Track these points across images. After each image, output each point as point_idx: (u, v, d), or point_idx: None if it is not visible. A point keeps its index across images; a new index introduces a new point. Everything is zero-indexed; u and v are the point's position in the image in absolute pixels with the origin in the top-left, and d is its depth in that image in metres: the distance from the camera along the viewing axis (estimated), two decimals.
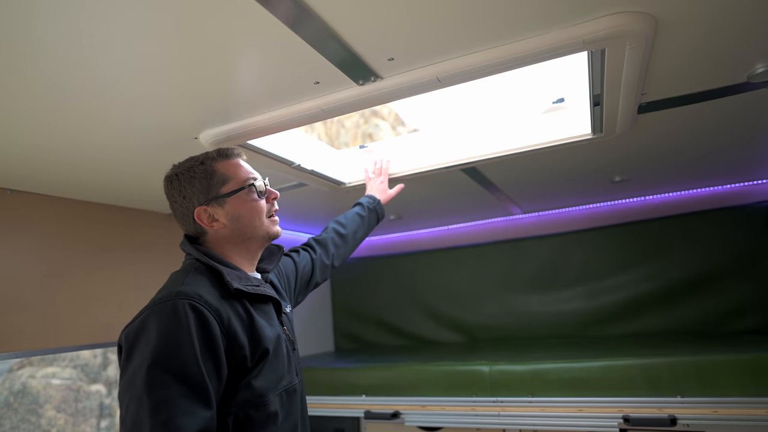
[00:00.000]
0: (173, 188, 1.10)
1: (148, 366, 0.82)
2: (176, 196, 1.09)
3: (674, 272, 2.70)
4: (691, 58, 1.16)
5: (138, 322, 0.90)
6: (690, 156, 2.03)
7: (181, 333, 0.86)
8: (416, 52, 1.03)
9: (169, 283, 1.01)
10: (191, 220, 1.07)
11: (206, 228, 1.07)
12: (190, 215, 1.07)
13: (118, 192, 1.90)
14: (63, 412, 6.46)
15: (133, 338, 0.88)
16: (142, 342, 0.86)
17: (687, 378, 1.79)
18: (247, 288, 1.01)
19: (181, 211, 1.09)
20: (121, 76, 1.02)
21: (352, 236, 1.64)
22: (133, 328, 0.89)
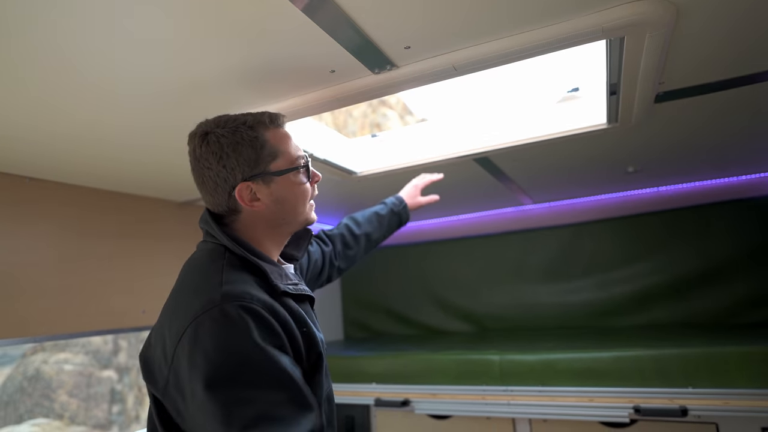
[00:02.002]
0: (209, 151, 0.91)
1: (216, 387, 0.69)
2: (211, 161, 0.91)
3: (686, 264, 2.68)
4: (713, 45, 1.14)
5: (184, 342, 0.74)
6: (707, 146, 2.01)
7: (243, 341, 0.72)
8: (433, 41, 1.02)
9: (201, 281, 0.84)
10: (226, 194, 0.92)
11: (243, 207, 0.92)
12: (228, 189, 0.91)
13: (132, 180, 1.92)
14: (75, 396, 6.57)
15: (185, 363, 0.74)
16: (199, 363, 0.72)
17: (698, 369, 1.79)
18: (289, 288, 0.89)
19: (215, 181, 0.91)
20: (137, 60, 1.02)
21: (365, 238, 1.46)
22: (180, 351, 0.75)
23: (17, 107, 1.17)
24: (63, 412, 5.92)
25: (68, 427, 5.81)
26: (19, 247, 1.67)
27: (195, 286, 0.84)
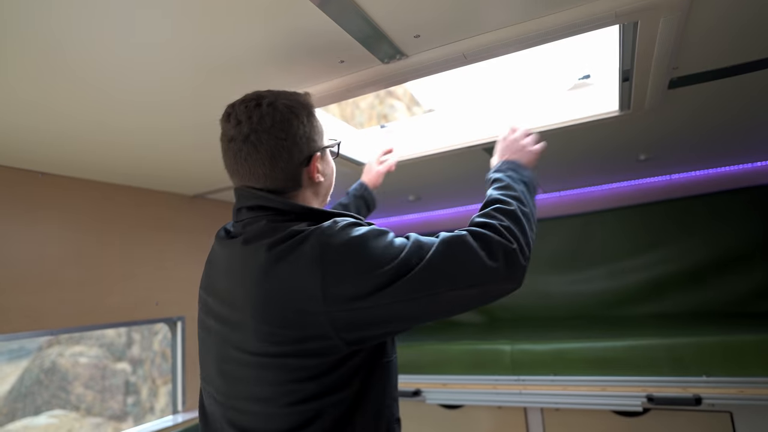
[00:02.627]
0: (283, 119, 0.86)
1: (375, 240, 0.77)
2: (287, 130, 0.86)
3: (700, 252, 2.66)
4: (728, 28, 1.12)
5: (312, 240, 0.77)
6: (722, 132, 1.98)
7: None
8: (443, 29, 1.01)
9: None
10: (297, 165, 0.87)
11: (307, 180, 0.90)
12: (302, 159, 0.88)
13: (144, 174, 1.93)
14: (91, 388, 6.65)
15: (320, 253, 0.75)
16: (337, 245, 0.76)
17: (713, 358, 1.78)
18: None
19: (290, 151, 0.86)
20: (145, 57, 1.02)
21: None
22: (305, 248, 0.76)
23: (31, 104, 1.18)
24: (79, 403, 6.04)
25: (85, 419, 5.92)
26: (32, 241, 1.69)
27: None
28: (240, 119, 0.86)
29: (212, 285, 0.89)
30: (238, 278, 0.82)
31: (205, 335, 0.89)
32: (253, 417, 0.79)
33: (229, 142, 0.88)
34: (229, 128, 0.87)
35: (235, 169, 0.89)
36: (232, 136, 0.87)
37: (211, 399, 0.87)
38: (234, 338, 0.80)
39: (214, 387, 0.85)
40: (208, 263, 0.93)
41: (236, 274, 0.82)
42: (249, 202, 0.87)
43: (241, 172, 0.88)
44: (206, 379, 0.89)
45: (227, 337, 0.82)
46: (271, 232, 0.81)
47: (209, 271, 0.92)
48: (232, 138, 0.87)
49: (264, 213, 0.86)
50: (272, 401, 0.77)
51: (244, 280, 0.80)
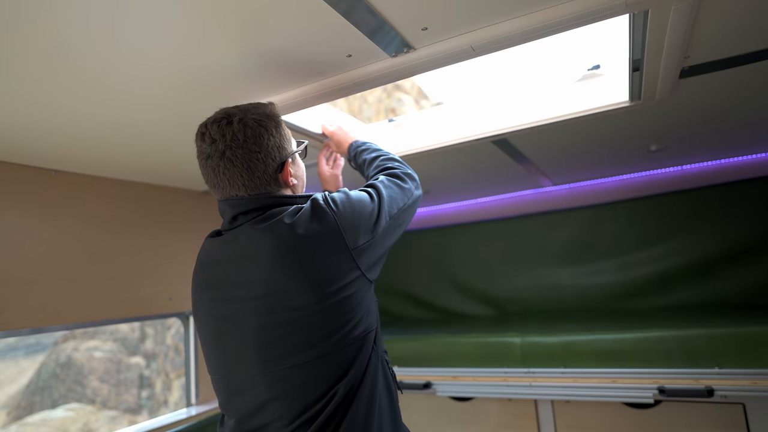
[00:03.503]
0: (254, 133, 0.96)
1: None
2: (260, 142, 0.96)
3: (712, 243, 2.63)
4: (740, 16, 1.10)
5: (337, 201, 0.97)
6: (734, 122, 1.95)
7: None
8: (450, 21, 1.01)
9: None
10: (272, 174, 0.98)
11: (284, 185, 1.01)
12: (275, 167, 0.98)
13: (154, 171, 1.95)
14: (106, 382, 6.78)
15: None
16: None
17: (725, 349, 1.77)
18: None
19: (265, 162, 0.97)
20: (153, 53, 1.03)
21: None
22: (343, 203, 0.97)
23: (42, 104, 1.19)
24: (95, 397, 6.15)
25: (100, 412, 6.03)
26: (47, 238, 1.72)
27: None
28: (214, 138, 0.95)
29: (220, 279, 0.96)
30: (257, 254, 0.91)
31: (223, 328, 0.94)
32: (311, 368, 0.89)
33: (206, 160, 0.97)
34: (205, 147, 0.97)
35: (216, 183, 0.98)
36: (208, 153, 0.96)
37: (239, 380, 0.92)
38: (274, 303, 0.89)
39: (251, 362, 0.91)
40: (205, 265, 1.00)
41: (253, 251, 0.92)
42: (244, 208, 0.96)
43: (221, 185, 0.97)
44: (230, 366, 0.94)
45: (261, 307, 0.90)
46: (279, 214, 0.93)
47: (209, 271, 0.98)
48: (209, 156, 0.96)
49: (263, 211, 0.96)
50: (334, 335, 0.90)
51: (267, 252, 0.90)
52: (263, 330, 0.89)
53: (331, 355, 0.89)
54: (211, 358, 0.98)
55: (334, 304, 0.90)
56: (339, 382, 0.89)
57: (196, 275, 1.02)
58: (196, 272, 1.02)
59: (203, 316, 0.99)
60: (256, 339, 0.90)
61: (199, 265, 1.01)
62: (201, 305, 0.99)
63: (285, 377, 0.88)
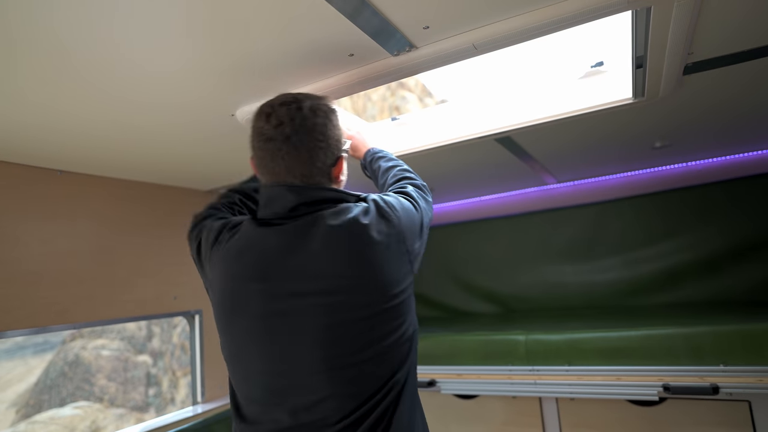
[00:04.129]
0: (322, 123, 0.95)
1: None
2: (325, 132, 0.95)
3: (718, 240, 2.61)
4: (744, 11, 1.09)
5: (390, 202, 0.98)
6: (739, 118, 1.94)
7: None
8: (452, 19, 1.01)
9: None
10: (328, 165, 0.97)
11: (333, 180, 1.00)
12: (333, 161, 0.98)
13: (160, 171, 1.96)
14: (113, 380, 6.82)
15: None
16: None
17: (731, 346, 1.76)
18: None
19: (326, 153, 0.96)
20: (155, 56, 1.04)
21: None
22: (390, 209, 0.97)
23: (46, 105, 1.21)
24: (102, 395, 6.20)
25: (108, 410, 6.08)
26: (53, 238, 1.74)
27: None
28: (281, 120, 0.93)
29: (276, 270, 0.91)
30: (332, 250, 0.90)
31: (277, 322, 0.90)
32: (371, 365, 0.90)
33: (266, 142, 0.94)
34: (268, 128, 0.94)
35: (271, 168, 0.95)
36: (270, 136, 0.93)
37: (293, 376, 0.89)
38: (344, 300, 0.88)
39: (313, 359, 0.88)
40: (249, 254, 0.93)
41: (328, 246, 0.90)
42: (308, 198, 0.94)
43: (276, 170, 0.95)
44: (283, 362, 0.90)
45: (330, 303, 0.88)
46: (351, 212, 0.93)
47: (258, 261, 0.92)
48: (270, 138, 0.93)
49: (332, 205, 0.94)
50: (389, 338, 0.91)
51: (346, 249, 0.90)
52: (330, 327, 0.88)
53: (388, 354, 0.91)
54: (251, 351, 0.92)
55: (396, 306, 0.92)
56: (390, 379, 0.91)
57: (231, 263, 0.95)
58: (231, 260, 0.95)
59: (243, 308, 0.93)
60: (321, 336, 0.88)
61: (238, 253, 0.94)
62: (239, 295, 0.93)
63: (345, 375, 0.88)
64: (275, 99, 0.98)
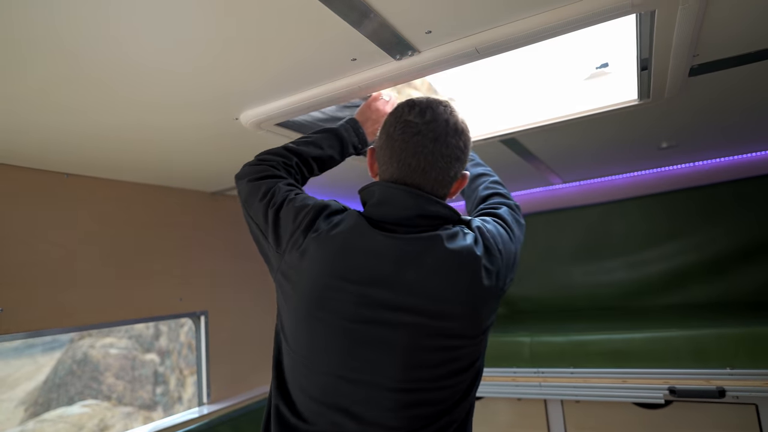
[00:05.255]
0: (467, 135, 0.97)
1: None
2: (466, 142, 0.96)
3: (725, 241, 2.59)
4: (749, 13, 1.08)
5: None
6: (746, 118, 1.92)
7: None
8: (454, 24, 1.01)
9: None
10: (453, 179, 0.97)
11: (448, 197, 0.98)
12: (459, 174, 0.97)
13: (166, 173, 1.97)
14: (121, 379, 6.84)
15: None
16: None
17: (737, 349, 1.75)
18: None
19: (458, 166, 0.95)
20: (160, 55, 1.05)
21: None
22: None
23: (55, 106, 1.22)
24: (110, 393, 6.23)
25: (116, 408, 6.11)
26: (59, 241, 1.75)
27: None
28: (436, 118, 0.92)
29: (385, 279, 0.86)
30: (445, 275, 0.87)
31: (366, 330, 0.86)
32: (443, 392, 0.89)
33: (414, 135, 0.92)
34: (420, 122, 0.92)
35: (407, 162, 0.92)
36: (420, 130, 0.91)
37: (354, 386, 0.87)
38: (443, 326, 0.87)
39: (389, 377, 0.85)
40: (359, 255, 0.88)
41: (442, 270, 0.87)
42: (432, 211, 0.92)
43: (413, 167, 0.92)
44: (357, 371, 0.87)
45: (428, 326, 0.86)
46: (466, 238, 0.91)
47: (369, 265, 0.87)
48: (419, 132, 0.91)
49: (450, 225, 0.93)
50: (466, 370, 0.91)
51: (458, 278, 0.88)
52: (417, 350, 0.86)
53: (460, 386, 0.91)
54: (328, 352, 0.88)
55: (480, 342, 0.92)
56: (455, 409, 0.91)
57: (332, 258, 0.88)
58: (333, 254, 0.89)
59: (333, 306, 0.87)
60: (406, 356, 0.85)
61: (343, 250, 0.89)
62: (332, 293, 0.87)
63: (416, 398, 0.87)
64: (423, 98, 0.96)
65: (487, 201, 1.14)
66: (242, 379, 2.35)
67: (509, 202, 1.12)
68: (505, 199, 1.13)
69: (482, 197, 1.16)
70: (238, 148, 1.69)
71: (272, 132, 1.50)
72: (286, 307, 0.95)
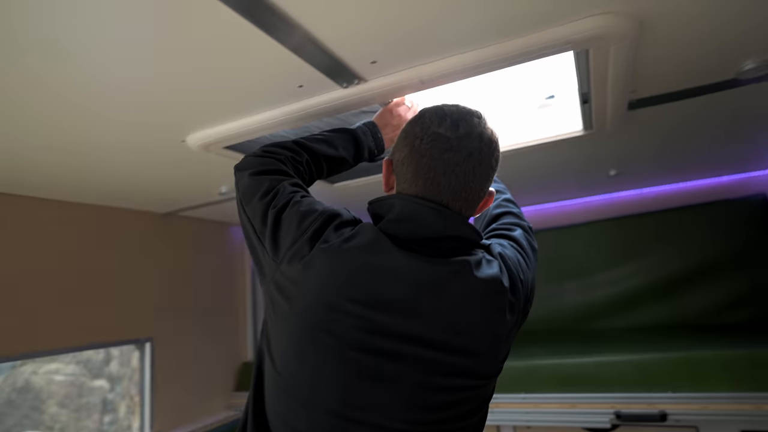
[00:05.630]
0: (496, 158, 0.87)
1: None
2: (498, 160, 0.87)
3: (670, 265, 2.69)
4: (678, 56, 1.15)
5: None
6: (684, 149, 2.02)
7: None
8: (397, 56, 1.02)
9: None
10: (482, 197, 0.87)
11: (471, 216, 0.88)
12: (485, 196, 0.88)
13: (115, 193, 1.90)
14: (66, 407, 6.45)
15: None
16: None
17: (679, 373, 1.80)
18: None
19: (487, 184, 0.87)
20: (105, 81, 1.02)
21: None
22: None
23: None
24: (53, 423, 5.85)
25: None
26: (3, 265, 1.66)
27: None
28: (470, 132, 0.82)
29: (398, 305, 0.76)
30: (469, 306, 0.78)
31: (370, 361, 0.75)
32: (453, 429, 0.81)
33: (444, 151, 0.81)
34: (452, 135, 0.82)
35: (434, 180, 0.81)
36: (452, 145, 0.81)
37: (351, 423, 0.76)
38: (459, 364, 0.78)
39: (393, 412, 0.75)
40: (372, 274, 0.77)
41: (466, 301, 0.78)
42: (459, 233, 0.82)
43: (442, 186, 0.81)
44: (355, 407, 0.76)
45: (443, 362, 0.76)
46: (491, 265, 0.82)
47: (382, 287, 0.76)
48: (451, 148, 0.81)
49: (475, 251, 0.84)
50: (476, 412, 0.84)
51: (483, 310, 0.80)
52: (428, 387, 0.76)
53: (469, 428, 0.83)
54: (323, 380, 0.76)
55: (493, 382, 0.86)
56: None
57: (341, 275, 0.77)
58: (342, 271, 0.77)
59: (334, 329, 0.75)
60: (414, 392, 0.75)
61: (364, 269, 0.77)
62: (335, 314, 0.76)
63: None
64: (455, 106, 0.87)
65: (499, 220, 1.04)
66: (188, 409, 2.25)
67: (523, 223, 1.03)
68: (518, 219, 1.04)
69: (494, 216, 1.07)
70: (187, 169, 1.65)
71: (221, 155, 1.47)
72: (277, 324, 0.82)
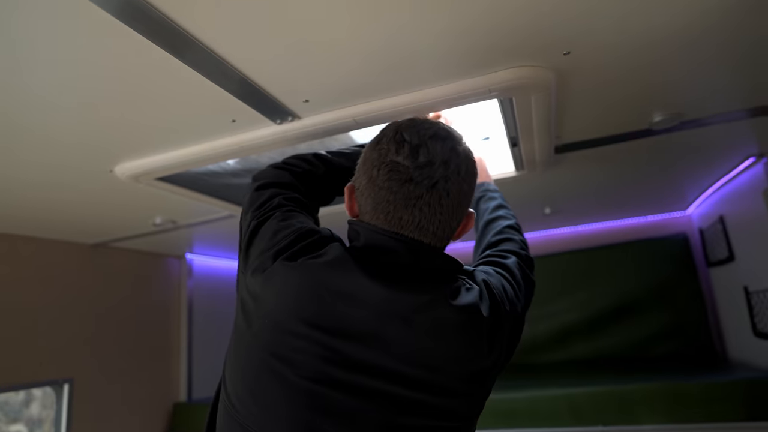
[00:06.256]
0: (473, 171, 0.78)
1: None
2: (474, 183, 0.78)
3: (599, 301, 2.82)
4: (595, 107, 1.24)
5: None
6: (609, 191, 2.15)
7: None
8: (330, 96, 1.04)
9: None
10: (458, 225, 0.78)
11: (448, 243, 0.80)
12: (463, 219, 0.79)
13: (39, 222, 1.79)
14: None
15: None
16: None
17: (607, 406, 1.86)
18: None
19: (464, 209, 0.78)
20: (31, 111, 0.97)
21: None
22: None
23: None
24: None
25: None
26: None
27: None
28: (433, 160, 0.72)
29: (351, 327, 0.68)
30: (443, 338, 0.70)
31: (335, 397, 0.67)
32: None
33: (402, 183, 0.72)
34: (410, 165, 0.72)
35: (396, 216, 0.73)
36: (411, 176, 0.72)
37: None
38: (428, 402, 0.68)
39: None
40: (329, 292, 0.70)
41: (439, 331, 0.70)
42: (428, 265, 0.75)
43: (404, 220, 0.73)
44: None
45: (410, 399, 0.68)
46: (471, 294, 0.74)
47: (337, 305, 0.69)
48: (410, 179, 0.71)
49: (453, 281, 0.76)
50: None
51: (458, 342, 0.70)
52: (395, 428, 0.67)
53: None
54: (279, 413, 0.67)
55: (472, 424, 0.76)
56: None
57: (305, 294, 0.70)
58: (307, 289, 0.70)
59: (293, 357, 0.68)
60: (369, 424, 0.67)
61: (323, 289, 0.70)
62: (299, 341, 0.68)
63: None
64: (418, 124, 0.76)
65: (496, 247, 0.97)
66: None
67: (521, 252, 0.94)
68: (516, 247, 0.95)
69: (490, 243, 0.99)
70: (117, 200, 1.59)
71: (153, 186, 1.43)
72: (234, 345, 0.75)
